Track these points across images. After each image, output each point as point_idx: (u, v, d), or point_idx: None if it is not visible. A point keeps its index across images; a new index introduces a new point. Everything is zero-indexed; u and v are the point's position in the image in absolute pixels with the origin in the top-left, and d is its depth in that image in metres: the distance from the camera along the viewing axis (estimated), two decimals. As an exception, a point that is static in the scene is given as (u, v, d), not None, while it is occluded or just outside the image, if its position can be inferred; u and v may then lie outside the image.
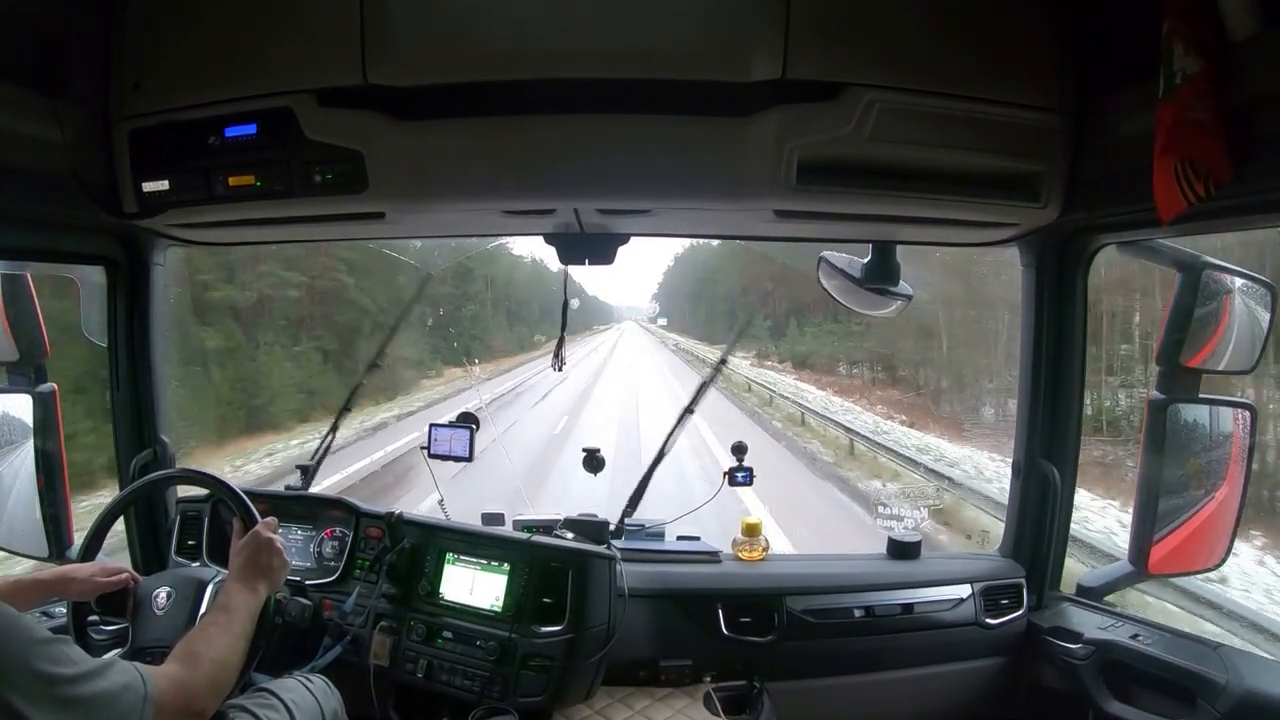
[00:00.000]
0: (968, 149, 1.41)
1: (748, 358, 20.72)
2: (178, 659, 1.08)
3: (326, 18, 1.35)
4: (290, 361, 12.77)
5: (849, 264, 1.84)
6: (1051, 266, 1.75)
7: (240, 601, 1.23)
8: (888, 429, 11.56)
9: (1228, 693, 1.40)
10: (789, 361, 20.18)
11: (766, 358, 21.34)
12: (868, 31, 1.33)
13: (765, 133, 1.35)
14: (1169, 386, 1.65)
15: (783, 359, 20.67)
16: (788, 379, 18.08)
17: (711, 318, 29.77)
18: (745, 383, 16.04)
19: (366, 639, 1.73)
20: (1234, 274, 1.66)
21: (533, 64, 1.33)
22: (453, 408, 8.02)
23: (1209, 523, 1.68)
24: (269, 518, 1.41)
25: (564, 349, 1.92)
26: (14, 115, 1.34)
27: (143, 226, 1.66)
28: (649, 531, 1.98)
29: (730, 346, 2.45)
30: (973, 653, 1.85)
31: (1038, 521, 1.87)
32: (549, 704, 1.62)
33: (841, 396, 15.21)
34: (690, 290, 35.74)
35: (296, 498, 1.98)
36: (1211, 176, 1.09)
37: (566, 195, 1.50)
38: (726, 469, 1.96)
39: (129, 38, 1.48)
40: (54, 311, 1.88)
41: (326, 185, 1.45)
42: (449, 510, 2.01)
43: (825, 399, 14.78)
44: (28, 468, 1.80)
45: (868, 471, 8.46)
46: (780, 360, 20.65)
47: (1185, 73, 1.09)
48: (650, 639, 1.76)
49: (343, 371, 12.90)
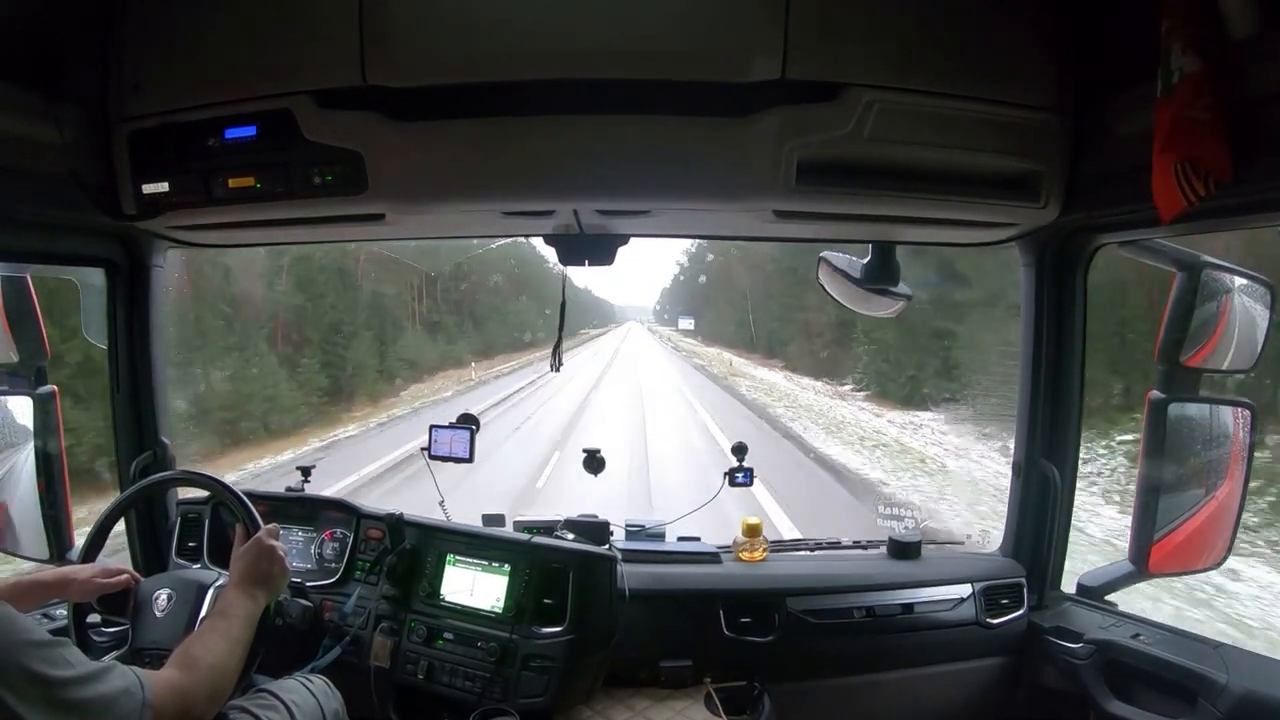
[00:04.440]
0: (967, 149, 1.41)
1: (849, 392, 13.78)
2: (176, 664, 1.07)
3: (326, 19, 1.35)
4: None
5: (849, 264, 1.84)
6: (1051, 266, 1.75)
7: (240, 608, 1.23)
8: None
9: (1228, 692, 1.40)
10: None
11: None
12: (867, 31, 1.33)
13: (765, 133, 1.35)
14: (1169, 385, 1.65)
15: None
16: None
17: (742, 322, 21.83)
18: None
19: (367, 640, 1.73)
20: (1234, 273, 1.66)
21: (532, 65, 1.33)
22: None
23: (1209, 522, 1.68)
24: (271, 525, 1.41)
25: (561, 349, 1.92)
26: (13, 117, 1.34)
27: (142, 228, 1.66)
28: (649, 532, 1.98)
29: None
30: (973, 652, 1.85)
31: (1038, 521, 1.87)
32: (550, 705, 1.62)
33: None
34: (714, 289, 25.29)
35: (297, 499, 1.98)
36: (1211, 176, 1.09)
37: (566, 196, 1.50)
38: (726, 469, 1.97)
39: (128, 39, 1.48)
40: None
41: (326, 187, 1.45)
42: (449, 511, 2.01)
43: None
44: (28, 470, 1.80)
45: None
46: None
47: (1183, 72, 1.09)
48: (651, 640, 1.76)
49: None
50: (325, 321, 12.84)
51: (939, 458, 9.92)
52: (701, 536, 1.99)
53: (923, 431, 11.10)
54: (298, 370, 11.82)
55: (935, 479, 9.15)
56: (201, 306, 9.93)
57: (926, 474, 9.38)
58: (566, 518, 1.93)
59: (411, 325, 16.62)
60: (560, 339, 1.91)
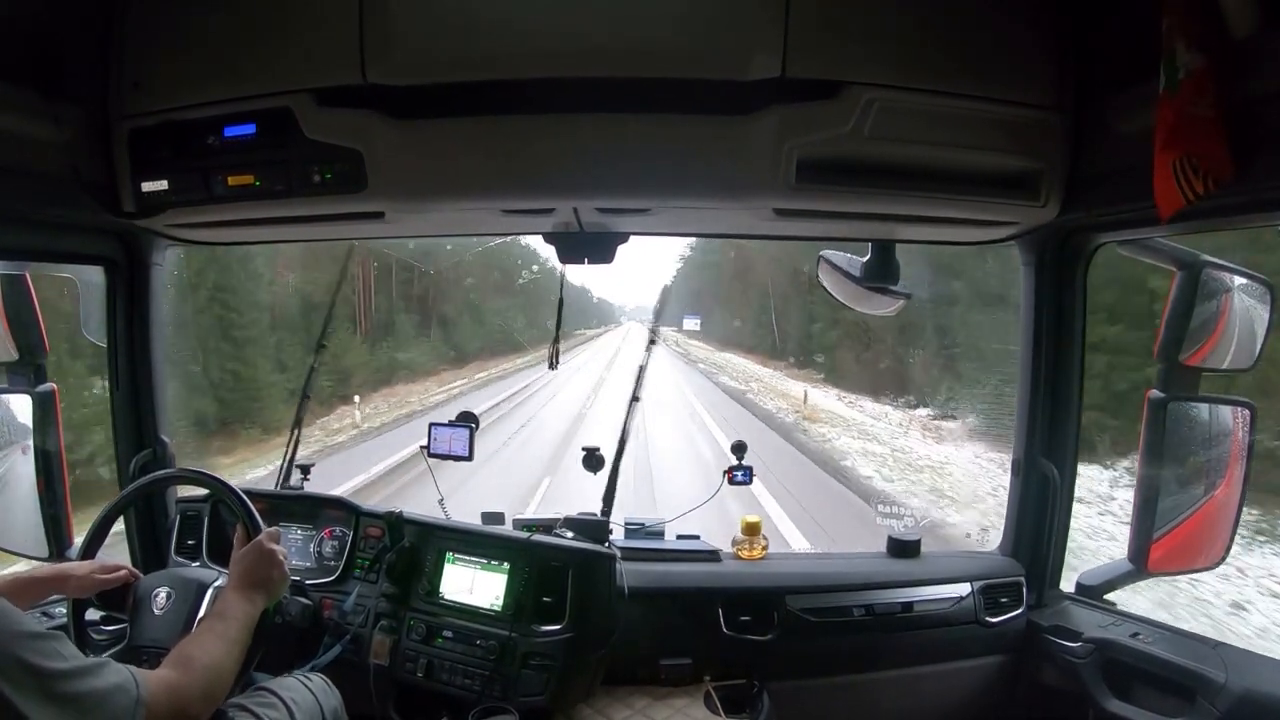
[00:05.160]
0: (967, 147, 1.41)
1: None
2: (172, 664, 1.07)
3: (325, 17, 1.35)
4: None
5: (849, 263, 1.84)
6: (1051, 265, 1.75)
7: (238, 610, 1.22)
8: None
9: (1227, 691, 1.40)
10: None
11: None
12: (867, 30, 1.32)
13: (765, 131, 1.35)
14: (1168, 384, 1.65)
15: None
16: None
17: (761, 323, 18.71)
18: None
19: (367, 638, 1.73)
20: (1233, 272, 1.66)
21: (532, 63, 1.32)
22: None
23: (1208, 521, 1.68)
24: (273, 528, 1.40)
25: (558, 348, 1.93)
26: (13, 115, 1.34)
27: (142, 226, 1.66)
28: (649, 530, 1.98)
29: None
30: (972, 651, 1.85)
31: (1037, 520, 1.87)
32: (549, 703, 1.62)
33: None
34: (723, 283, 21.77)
35: (296, 497, 1.98)
36: (1211, 174, 1.09)
37: (566, 194, 1.49)
38: (726, 468, 1.96)
39: (128, 38, 1.48)
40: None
41: (326, 185, 1.45)
42: (449, 509, 2.01)
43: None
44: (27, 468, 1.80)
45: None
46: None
47: (1188, 68, 1.08)
48: (650, 638, 1.76)
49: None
50: (226, 326, 10.10)
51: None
52: (701, 535, 1.99)
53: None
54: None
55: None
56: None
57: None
58: (566, 516, 1.93)
59: (357, 329, 13.51)
60: (558, 337, 1.91)
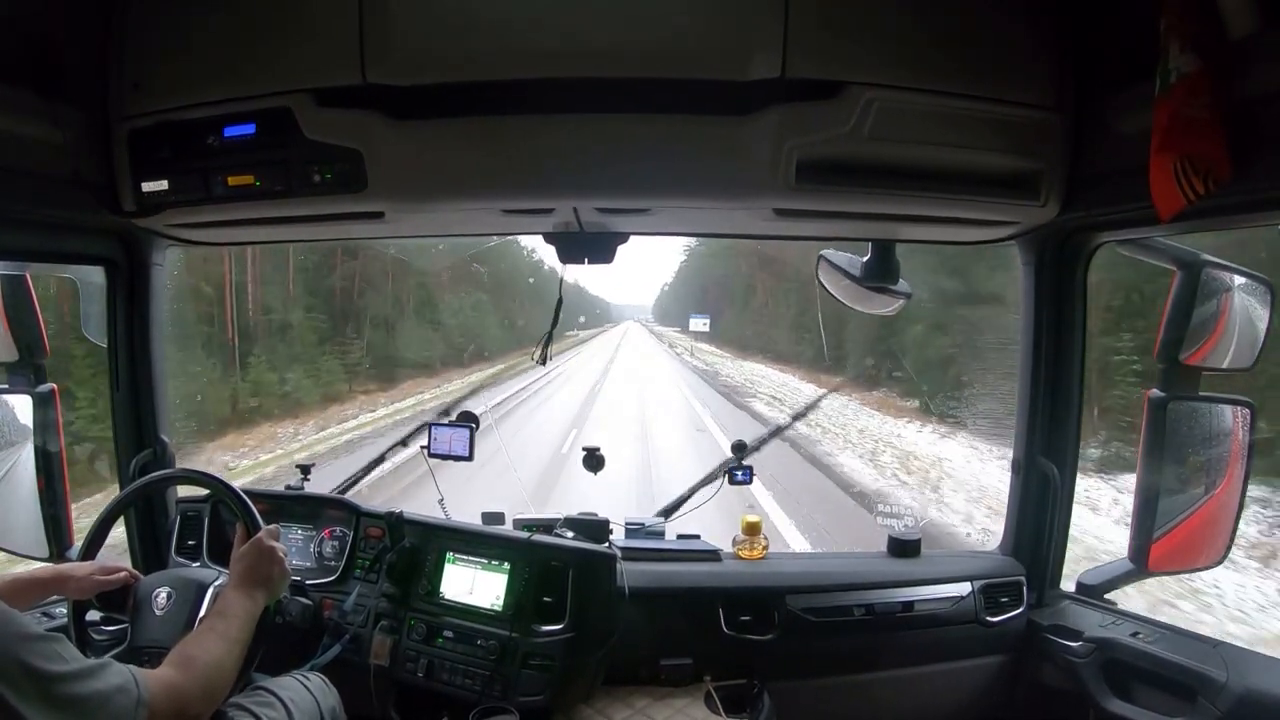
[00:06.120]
0: (967, 147, 1.41)
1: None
2: (172, 663, 1.07)
3: (325, 17, 1.35)
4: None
5: (849, 262, 1.84)
6: (1051, 265, 1.75)
7: (238, 609, 1.22)
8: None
9: (1228, 690, 1.40)
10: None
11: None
12: (867, 30, 1.33)
13: (764, 132, 1.35)
14: (1168, 384, 1.65)
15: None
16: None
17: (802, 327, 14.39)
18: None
19: (367, 638, 1.73)
20: (1233, 272, 1.66)
21: (532, 63, 1.33)
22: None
23: (1209, 520, 1.68)
24: (272, 526, 1.40)
25: (550, 347, 1.92)
26: (13, 116, 1.34)
27: (142, 226, 1.66)
28: (649, 530, 1.98)
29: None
30: (973, 651, 1.85)
31: (1037, 519, 1.87)
32: (549, 703, 1.62)
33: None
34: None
35: (297, 497, 1.98)
36: (1210, 174, 1.09)
37: (566, 194, 1.50)
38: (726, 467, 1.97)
39: (128, 38, 1.48)
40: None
41: (326, 185, 1.45)
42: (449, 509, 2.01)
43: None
44: (28, 468, 1.80)
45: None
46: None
47: (1180, 71, 1.09)
48: (650, 637, 1.76)
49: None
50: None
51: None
52: (701, 534, 1.99)
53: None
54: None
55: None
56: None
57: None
58: (566, 516, 1.93)
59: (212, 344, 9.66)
60: (550, 335, 1.90)
